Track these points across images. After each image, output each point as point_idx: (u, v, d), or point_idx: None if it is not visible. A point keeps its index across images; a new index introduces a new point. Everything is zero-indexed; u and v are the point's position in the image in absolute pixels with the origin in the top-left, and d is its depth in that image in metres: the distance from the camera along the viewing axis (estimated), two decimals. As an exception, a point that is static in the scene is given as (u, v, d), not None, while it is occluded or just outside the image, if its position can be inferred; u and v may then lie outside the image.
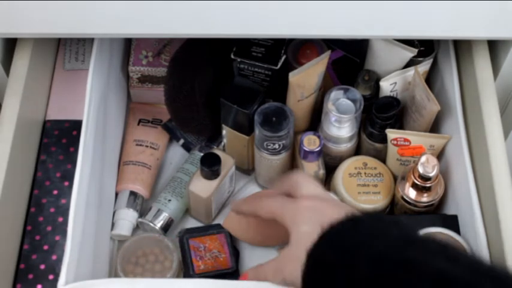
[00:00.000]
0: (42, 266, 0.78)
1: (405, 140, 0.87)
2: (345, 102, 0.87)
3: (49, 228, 0.81)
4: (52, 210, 0.82)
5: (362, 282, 0.59)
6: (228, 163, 0.90)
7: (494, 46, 0.87)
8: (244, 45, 0.89)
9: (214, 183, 0.89)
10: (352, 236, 0.62)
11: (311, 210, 0.70)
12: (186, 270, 0.88)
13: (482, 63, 0.84)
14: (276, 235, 0.83)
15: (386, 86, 0.90)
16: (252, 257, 0.91)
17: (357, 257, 0.60)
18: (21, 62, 0.83)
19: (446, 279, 0.56)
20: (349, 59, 0.92)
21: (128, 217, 0.92)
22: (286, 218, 0.72)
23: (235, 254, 0.89)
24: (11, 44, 0.86)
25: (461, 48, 0.90)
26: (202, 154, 0.91)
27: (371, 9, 0.75)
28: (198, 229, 0.91)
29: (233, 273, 0.87)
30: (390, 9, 0.75)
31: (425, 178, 0.83)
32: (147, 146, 0.97)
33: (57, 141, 0.87)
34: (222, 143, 0.96)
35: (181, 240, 0.89)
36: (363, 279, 0.59)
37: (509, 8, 0.75)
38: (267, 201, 0.76)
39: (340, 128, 0.88)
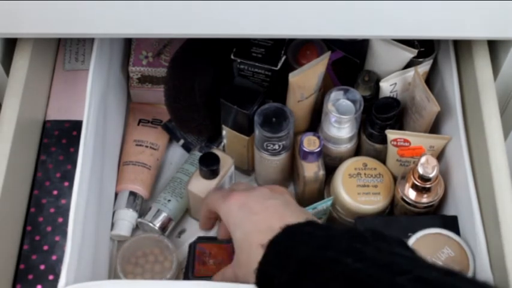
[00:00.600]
0: (42, 267, 0.78)
1: (405, 140, 0.87)
2: (345, 102, 0.87)
3: (49, 229, 0.81)
4: (52, 210, 0.82)
5: (287, 285, 0.62)
6: (227, 163, 0.90)
7: (494, 46, 0.87)
8: (244, 46, 0.89)
9: (213, 183, 0.89)
10: (286, 245, 0.65)
11: (240, 209, 0.73)
12: (186, 273, 0.88)
13: (482, 63, 0.84)
14: None
15: (386, 87, 0.90)
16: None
17: (287, 262, 0.63)
18: (21, 62, 0.83)
19: (352, 276, 0.58)
20: (349, 60, 0.92)
21: (127, 217, 0.92)
22: (223, 217, 0.76)
23: None
24: (11, 44, 0.85)
25: (461, 48, 0.90)
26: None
27: (371, 9, 0.75)
28: (210, 238, 0.91)
29: None
30: (390, 9, 0.75)
31: (425, 179, 0.83)
32: (147, 146, 0.97)
33: (57, 142, 0.87)
34: (222, 144, 0.96)
35: (191, 245, 0.89)
36: (287, 282, 0.62)
37: (509, 8, 0.75)
38: (207, 199, 0.82)
39: (340, 128, 0.88)
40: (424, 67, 0.91)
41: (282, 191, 0.79)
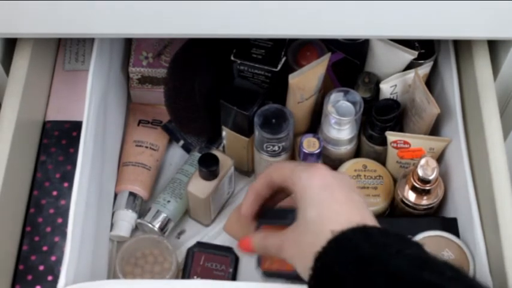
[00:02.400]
0: (41, 267, 0.78)
1: (405, 142, 0.87)
2: (345, 104, 0.87)
3: (48, 229, 0.80)
4: (51, 211, 0.82)
5: None
6: (226, 164, 0.90)
7: (494, 46, 0.87)
8: (244, 47, 0.88)
9: (212, 183, 0.89)
10: (363, 248, 0.60)
11: (322, 187, 0.66)
12: (183, 277, 0.88)
13: (482, 63, 0.84)
14: None
15: (387, 89, 0.90)
16: (252, 262, 0.90)
17: (372, 272, 0.58)
18: (21, 62, 0.83)
19: None
20: (349, 61, 0.92)
21: (127, 218, 0.92)
22: (296, 188, 0.67)
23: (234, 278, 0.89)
24: (11, 44, 0.85)
25: (461, 48, 0.90)
26: (201, 155, 0.91)
27: (371, 10, 0.75)
28: (209, 245, 0.91)
29: None
30: (390, 9, 0.75)
31: (424, 181, 0.83)
32: (146, 147, 0.97)
33: (57, 142, 0.87)
34: (222, 145, 0.96)
35: (189, 250, 0.89)
36: None
37: (509, 8, 0.75)
38: (280, 168, 0.71)
39: (340, 130, 0.88)
40: (425, 69, 0.91)
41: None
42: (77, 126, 0.86)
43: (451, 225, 0.83)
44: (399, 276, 0.57)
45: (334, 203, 0.65)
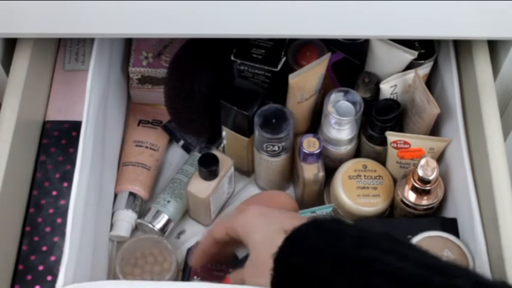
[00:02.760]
0: (41, 267, 0.78)
1: (405, 142, 0.87)
2: (345, 104, 0.87)
3: (48, 229, 0.80)
4: (51, 211, 0.82)
5: (322, 282, 0.60)
6: (226, 164, 0.90)
7: (494, 46, 0.87)
8: (244, 47, 0.88)
9: (212, 183, 0.89)
10: (315, 238, 0.64)
11: (259, 217, 0.72)
12: (183, 278, 0.88)
13: (482, 63, 0.84)
14: None
15: (387, 89, 0.90)
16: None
17: (319, 257, 0.61)
18: (21, 62, 0.83)
19: (397, 275, 0.58)
20: (349, 61, 0.92)
21: (126, 218, 0.92)
22: (239, 231, 0.72)
23: None
24: (11, 44, 0.85)
25: (461, 48, 0.89)
26: (201, 155, 0.91)
27: (371, 9, 0.75)
28: None
29: None
30: (390, 9, 0.75)
31: (424, 181, 0.83)
32: (146, 147, 0.97)
33: (57, 142, 0.87)
34: (222, 145, 0.96)
35: (189, 250, 0.90)
36: (323, 279, 0.60)
37: (509, 8, 0.75)
38: (219, 225, 0.77)
39: (340, 130, 0.88)
40: (425, 69, 0.91)
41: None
42: (76, 126, 0.86)
43: (451, 226, 0.83)
44: (341, 257, 0.61)
45: (274, 221, 0.70)
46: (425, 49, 0.90)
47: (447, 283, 0.57)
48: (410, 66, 0.89)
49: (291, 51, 0.90)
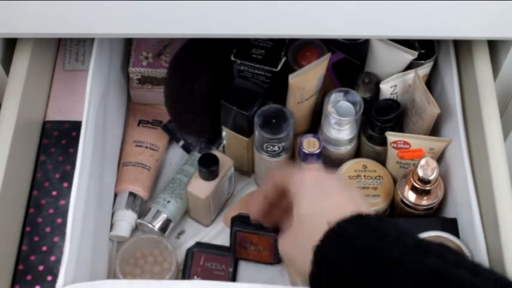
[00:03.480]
0: (41, 267, 0.78)
1: (405, 142, 0.87)
2: (345, 104, 0.87)
3: (48, 229, 0.80)
4: (51, 211, 0.82)
5: (375, 286, 0.57)
6: (226, 164, 0.90)
7: (494, 46, 0.87)
8: (244, 47, 0.88)
9: (212, 184, 0.89)
10: (361, 238, 0.60)
11: (315, 185, 0.67)
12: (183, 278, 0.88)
13: (482, 63, 0.84)
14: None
15: (387, 89, 0.90)
16: (248, 269, 0.91)
17: (369, 260, 0.58)
18: (21, 62, 0.83)
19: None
20: (349, 62, 0.92)
21: (126, 218, 0.92)
22: (291, 188, 0.68)
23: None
24: (11, 44, 0.85)
25: (461, 48, 0.89)
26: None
27: (371, 9, 0.75)
28: (208, 245, 0.91)
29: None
30: (390, 9, 0.75)
31: (424, 181, 0.83)
32: (146, 147, 0.97)
33: (57, 142, 0.87)
34: (222, 145, 0.96)
35: (189, 251, 0.90)
36: (376, 283, 0.57)
37: (509, 8, 0.75)
38: (280, 169, 0.74)
39: (340, 130, 0.88)
40: (425, 69, 0.91)
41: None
42: (76, 126, 0.86)
43: (451, 226, 0.83)
44: (399, 264, 0.57)
45: (326, 196, 0.65)
46: (425, 49, 0.90)
47: None
48: (410, 66, 0.89)
49: (291, 51, 0.90)
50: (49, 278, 0.78)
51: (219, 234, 0.93)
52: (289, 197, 0.68)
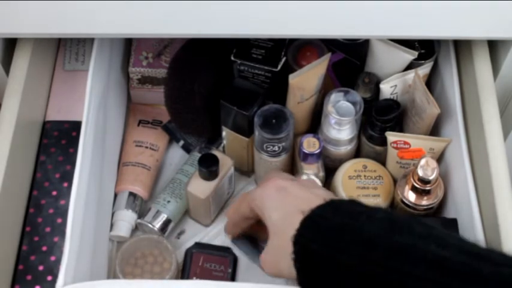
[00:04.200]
0: (41, 267, 0.78)
1: (405, 143, 0.87)
2: (345, 104, 0.87)
3: (48, 229, 0.80)
4: (51, 211, 0.82)
5: (352, 267, 0.58)
6: (226, 164, 0.90)
7: (494, 46, 0.87)
8: (244, 47, 0.88)
9: (212, 184, 0.89)
10: (334, 219, 0.61)
11: (277, 192, 0.69)
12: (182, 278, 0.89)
13: (482, 63, 0.84)
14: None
15: (387, 89, 0.90)
16: (247, 270, 0.91)
17: (344, 241, 0.59)
18: (21, 62, 0.83)
19: (441, 263, 0.55)
20: (349, 62, 0.92)
21: (126, 218, 0.92)
22: (257, 205, 0.70)
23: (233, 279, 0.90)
24: (11, 44, 0.85)
25: (461, 48, 0.90)
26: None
27: (371, 9, 0.75)
28: (207, 245, 0.91)
29: None
30: (390, 9, 0.75)
31: (424, 181, 0.83)
32: (146, 147, 0.97)
33: (57, 142, 0.87)
34: (222, 145, 0.96)
35: (188, 251, 0.90)
36: (352, 264, 0.58)
37: (509, 8, 0.75)
38: (242, 198, 0.76)
39: (340, 130, 0.88)
40: (425, 69, 0.91)
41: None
42: (76, 126, 0.86)
43: (451, 226, 0.83)
44: (371, 241, 0.58)
45: (293, 197, 0.67)
46: (425, 49, 0.90)
47: (497, 272, 0.53)
48: (410, 66, 0.89)
49: (291, 51, 0.90)
50: (49, 278, 0.78)
51: (219, 234, 0.93)
52: (260, 215, 0.70)
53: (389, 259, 0.57)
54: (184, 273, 0.89)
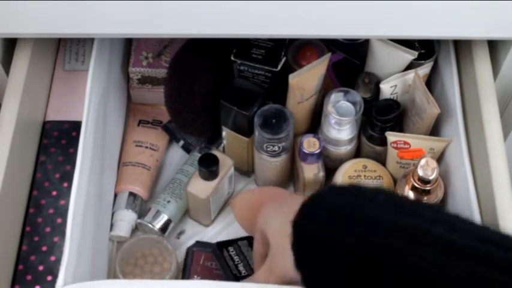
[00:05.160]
0: (41, 267, 0.78)
1: (405, 143, 0.87)
2: (345, 104, 0.87)
3: (48, 229, 0.80)
4: (51, 211, 0.82)
5: (352, 247, 0.57)
6: (226, 164, 0.90)
7: (494, 46, 0.87)
8: (244, 47, 0.88)
9: (212, 184, 0.89)
10: (336, 202, 0.60)
11: (271, 205, 0.71)
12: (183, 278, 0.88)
13: (482, 63, 0.84)
14: None
15: (387, 89, 0.90)
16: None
17: (344, 221, 0.58)
18: (21, 62, 0.83)
19: (451, 249, 0.54)
20: (349, 62, 0.92)
21: (126, 218, 0.92)
22: (262, 227, 0.71)
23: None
24: (11, 44, 0.85)
25: (461, 48, 0.90)
26: (201, 155, 0.91)
27: (371, 9, 0.75)
28: (209, 244, 0.91)
29: None
30: (390, 9, 0.75)
31: (424, 181, 0.83)
32: (146, 147, 0.97)
33: (57, 142, 0.87)
34: (222, 145, 0.96)
35: (189, 250, 0.90)
36: (353, 244, 0.57)
37: (509, 8, 0.75)
38: (255, 239, 0.75)
39: (340, 130, 0.88)
40: (425, 69, 0.91)
41: None
42: (76, 126, 0.86)
43: (451, 226, 0.83)
44: (375, 223, 0.57)
45: (289, 206, 0.66)
46: (425, 49, 0.90)
47: (510, 258, 0.53)
48: (410, 66, 0.89)
49: (291, 51, 0.90)
50: (49, 278, 0.78)
51: (219, 234, 0.94)
52: (266, 234, 0.70)
53: (398, 242, 0.55)
54: (185, 271, 0.89)
